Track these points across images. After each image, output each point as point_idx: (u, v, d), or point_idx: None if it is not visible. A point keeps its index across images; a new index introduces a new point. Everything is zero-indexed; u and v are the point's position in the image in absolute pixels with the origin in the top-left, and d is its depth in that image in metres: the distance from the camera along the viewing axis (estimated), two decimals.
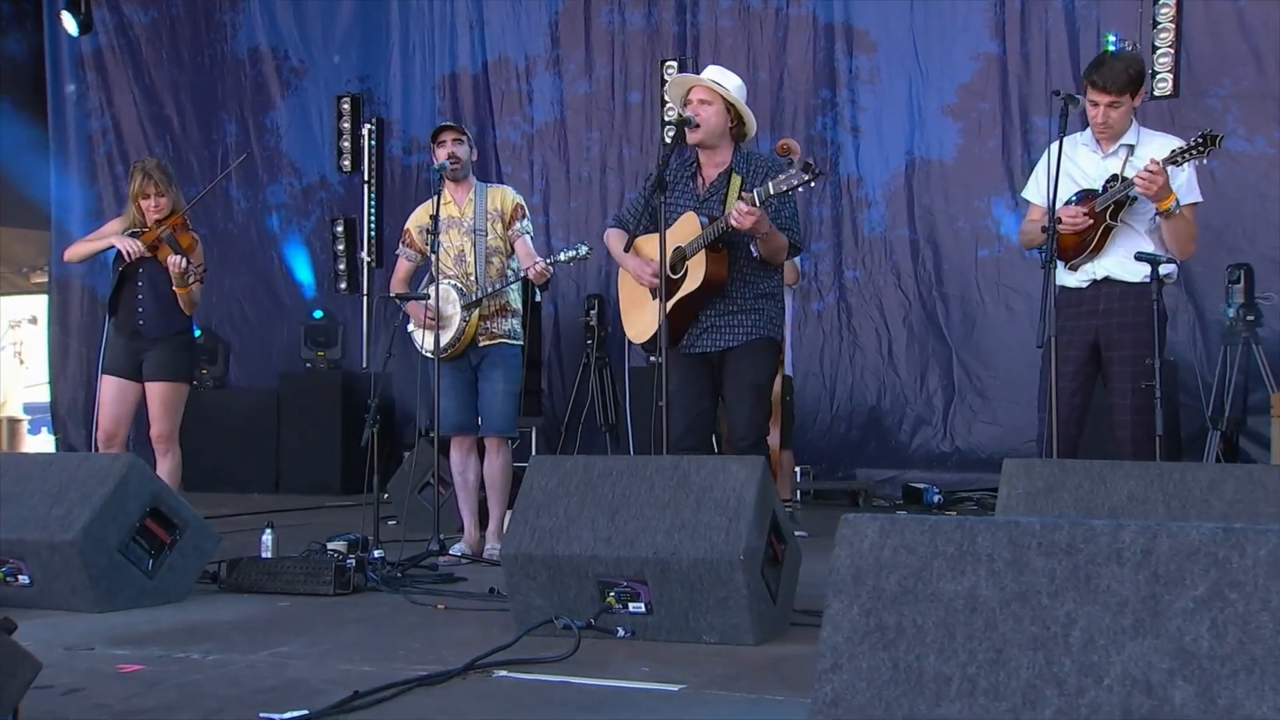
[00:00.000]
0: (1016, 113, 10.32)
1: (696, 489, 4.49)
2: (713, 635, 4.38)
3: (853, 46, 10.78)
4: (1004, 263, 10.27)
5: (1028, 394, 10.09)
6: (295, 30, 12.66)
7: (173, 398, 6.92)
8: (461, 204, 6.75)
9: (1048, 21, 10.29)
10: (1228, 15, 9.71)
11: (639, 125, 11.41)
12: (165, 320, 6.89)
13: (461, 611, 5.18)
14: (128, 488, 5.26)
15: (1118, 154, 5.31)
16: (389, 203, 12.15)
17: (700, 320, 5.64)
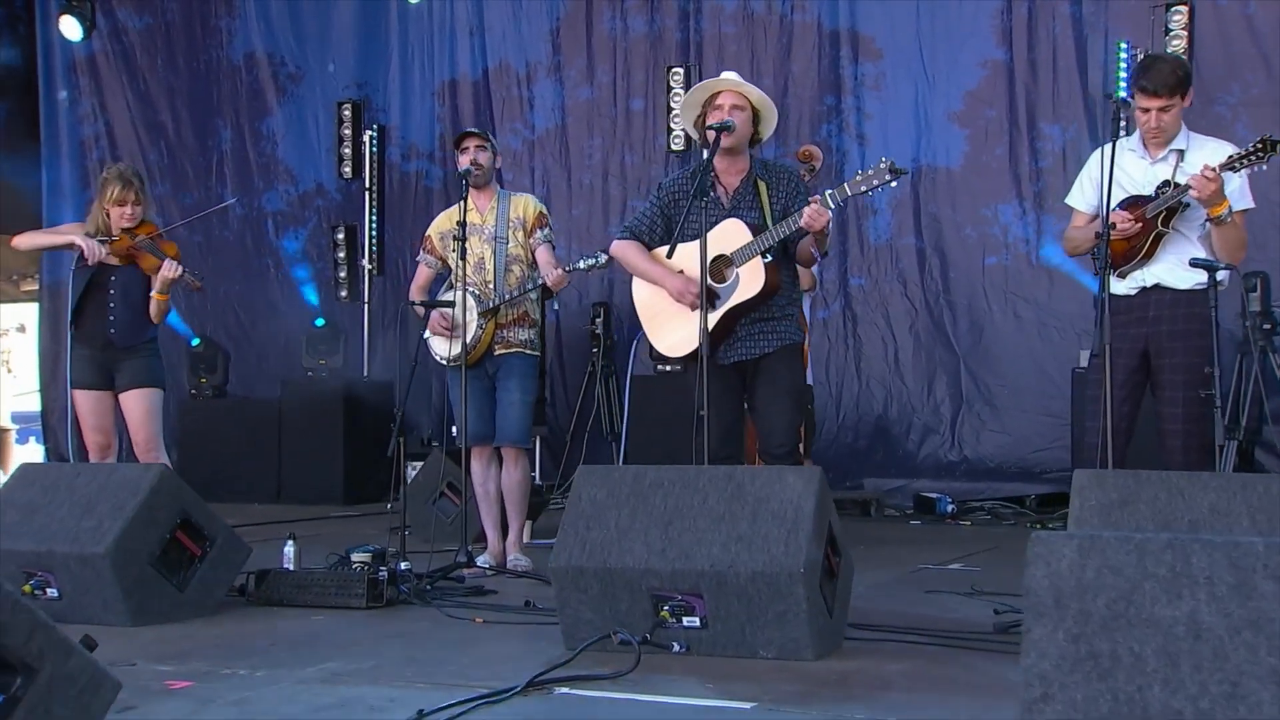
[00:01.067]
0: (1024, 120, 10.26)
1: (752, 500, 4.40)
2: (770, 650, 4.29)
3: (858, 53, 10.71)
4: (1011, 271, 10.22)
5: (1036, 403, 10.08)
6: (292, 36, 12.52)
7: (151, 404, 6.77)
8: (484, 211, 6.65)
9: (1055, 28, 10.23)
10: (1237, 21, 9.68)
11: (641, 132, 11.31)
12: (136, 330, 6.75)
13: (501, 625, 5.07)
14: (159, 498, 5.15)
15: (1167, 159, 5.24)
16: (388, 210, 12.01)
17: (737, 330, 5.56)
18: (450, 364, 6.56)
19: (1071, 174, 10.12)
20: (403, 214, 12.08)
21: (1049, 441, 9.93)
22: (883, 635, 4.67)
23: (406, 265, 12.03)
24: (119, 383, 6.74)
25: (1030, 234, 10.18)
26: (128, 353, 6.74)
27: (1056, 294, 10.11)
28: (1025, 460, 9.95)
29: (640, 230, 5.87)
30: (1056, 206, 10.14)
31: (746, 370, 5.63)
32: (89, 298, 6.73)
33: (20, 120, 13.18)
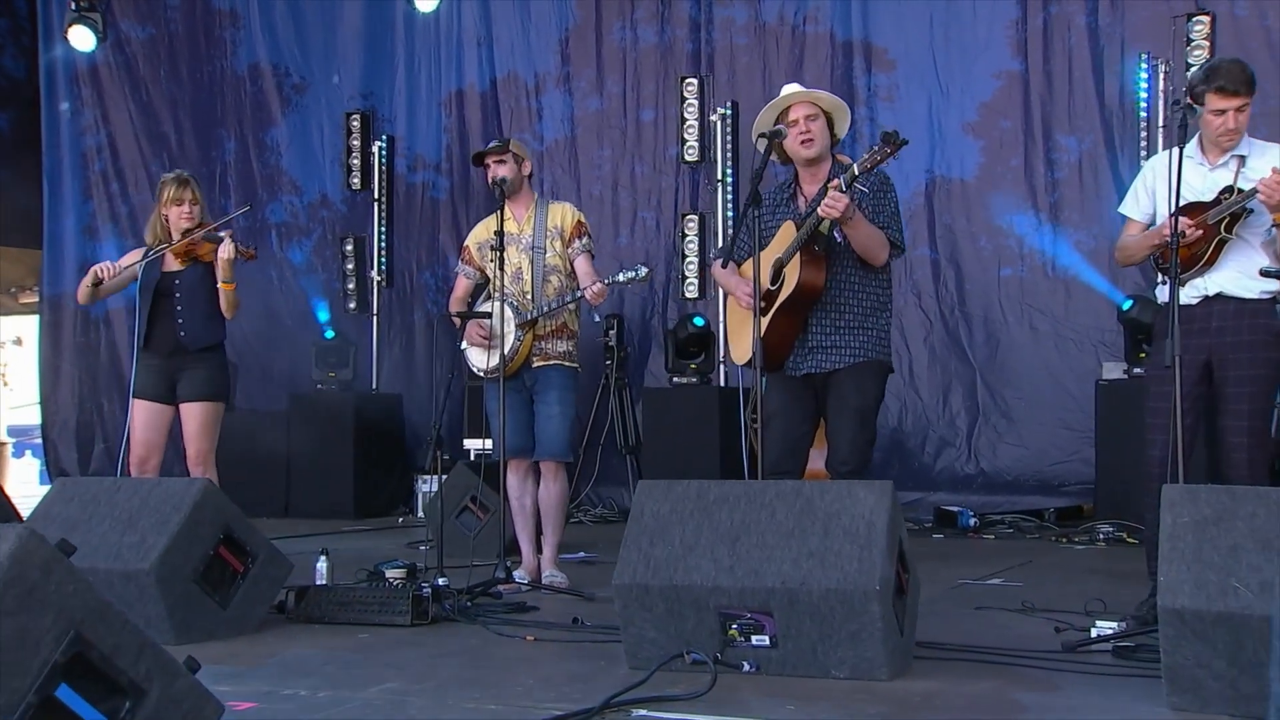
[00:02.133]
0: (1039, 131, 10.18)
1: (823, 515, 4.29)
2: (843, 670, 4.17)
3: (871, 64, 10.62)
4: (1027, 282, 10.13)
5: (1053, 416, 10.00)
6: (296, 47, 12.36)
7: (210, 417, 6.67)
8: (521, 220, 6.52)
9: (1070, 40, 10.16)
10: (1255, 33, 9.62)
11: (651, 143, 11.19)
12: (207, 330, 6.66)
13: (553, 644, 4.94)
14: (203, 514, 5.01)
15: (1228, 165, 5.13)
16: (395, 221, 11.86)
17: (808, 339, 5.44)
18: (488, 376, 6.41)
19: (1088, 185, 10.21)
20: (409, 225, 11.94)
21: (1067, 454, 9.85)
22: (951, 654, 4.56)
23: (414, 277, 11.91)
24: (180, 392, 6.64)
25: (1046, 245, 10.10)
26: (195, 359, 6.64)
27: (1073, 306, 10.03)
28: (1043, 473, 9.86)
29: (728, 248, 5.83)
30: (1073, 218, 10.11)
31: (817, 384, 5.51)
32: (158, 306, 6.65)
33: (22, 131, 13.02)
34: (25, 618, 2.38)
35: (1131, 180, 9.62)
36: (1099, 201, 10.03)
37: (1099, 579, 6.69)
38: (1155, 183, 5.33)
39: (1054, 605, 5.54)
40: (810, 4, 10.79)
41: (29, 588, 2.41)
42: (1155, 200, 5.32)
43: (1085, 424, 9.73)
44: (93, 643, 2.46)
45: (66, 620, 2.44)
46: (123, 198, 12.96)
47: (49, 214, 13.02)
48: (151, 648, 2.56)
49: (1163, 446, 5.13)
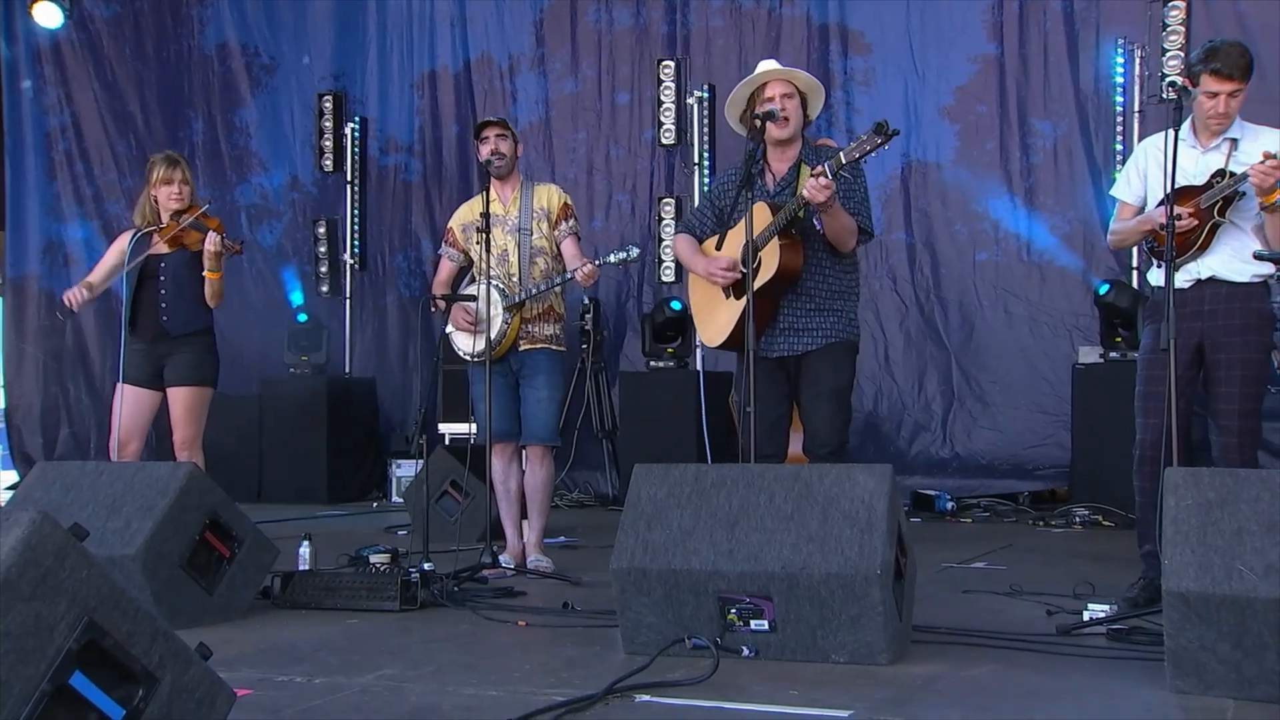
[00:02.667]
0: (1015, 115, 10.19)
1: (822, 499, 4.26)
2: (842, 655, 4.15)
3: (848, 48, 10.59)
4: (1002, 267, 10.15)
5: (1028, 400, 10.02)
6: (266, 26, 12.23)
7: (196, 402, 6.59)
8: (507, 201, 6.45)
9: (1046, 24, 10.17)
10: (1228, 18, 9.65)
11: (627, 126, 11.14)
12: (191, 316, 6.58)
13: (545, 629, 4.90)
14: (188, 498, 4.94)
15: (1220, 148, 5.12)
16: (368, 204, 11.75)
17: (778, 321, 5.43)
18: (475, 359, 6.34)
19: (1063, 170, 10.23)
20: (380, 208, 11.84)
21: (1041, 438, 9.88)
22: (946, 638, 4.54)
23: (386, 260, 11.82)
24: (167, 376, 6.57)
25: (1021, 230, 10.11)
26: (181, 344, 6.56)
27: (1048, 290, 10.05)
28: (1018, 457, 9.88)
29: (692, 225, 5.83)
30: (1047, 202, 10.13)
31: (789, 367, 5.48)
32: (141, 290, 6.57)
33: None
34: (39, 604, 2.32)
35: (1108, 165, 9.89)
36: (1074, 186, 10.07)
37: (1081, 562, 6.71)
38: (1148, 165, 5.31)
39: (1040, 588, 5.55)
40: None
41: (42, 573, 2.35)
42: (1147, 183, 5.31)
43: (1059, 408, 9.76)
44: (106, 630, 2.41)
45: (80, 607, 2.39)
46: (88, 178, 12.79)
47: (11, 195, 12.83)
48: (164, 635, 2.51)
49: (1154, 430, 5.14)
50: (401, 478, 10.48)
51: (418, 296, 11.74)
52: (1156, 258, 5.24)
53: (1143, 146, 5.41)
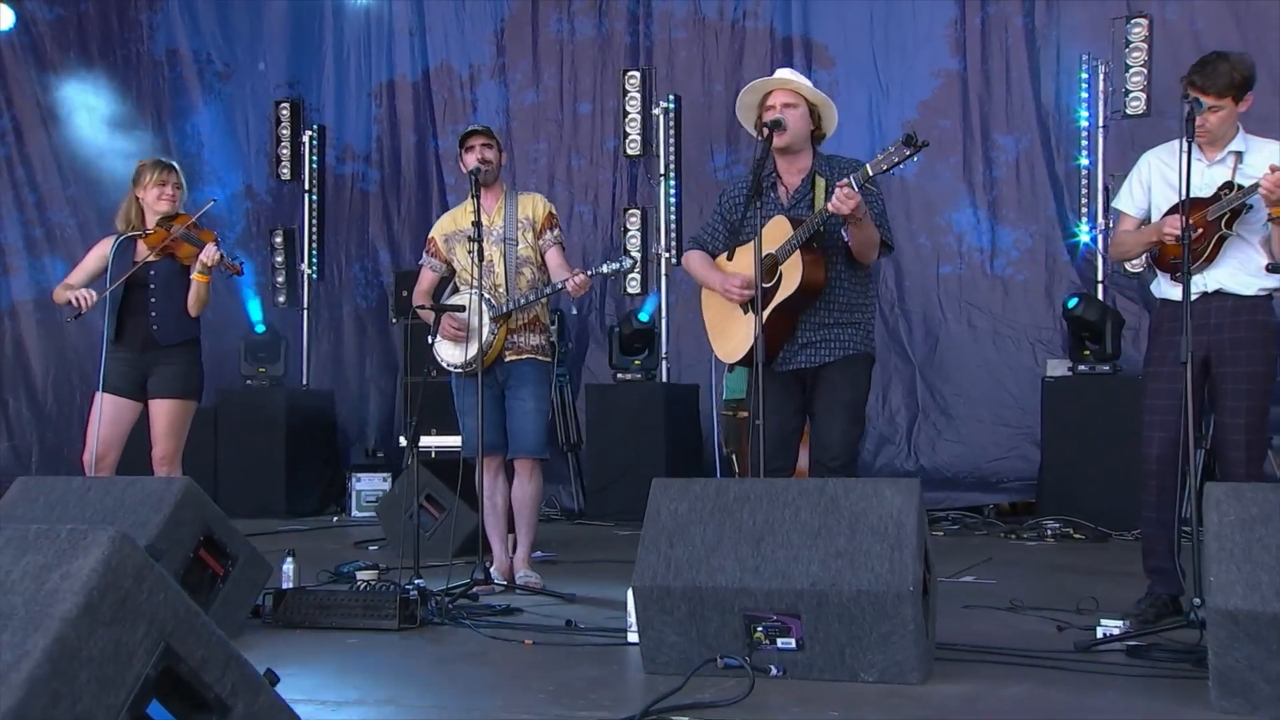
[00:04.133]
0: (978, 130, 10.22)
1: (849, 515, 4.16)
2: (872, 673, 4.05)
3: (812, 60, 10.56)
4: (965, 280, 10.16)
5: (992, 413, 10.01)
6: (219, 32, 11.97)
7: (179, 416, 6.39)
8: (491, 211, 6.31)
9: (1008, 40, 10.21)
10: (1185, 37, 9.72)
11: (589, 137, 11.04)
12: (180, 326, 6.38)
13: (553, 648, 4.76)
14: (183, 514, 4.76)
15: (1225, 161, 5.09)
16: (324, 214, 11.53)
17: (796, 335, 5.32)
18: (465, 371, 6.18)
19: (1025, 184, 10.24)
20: (337, 218, 11.62)
21: (1005, 451, 9.89)
22: (965, 655, 4.45)
23: (343, 270, 11.62)
24: (150, 388, 6.34)
25: (985, 243, 10.14)
26: (167, 355, 6.36)
27: (1011, 303, 10.08)
28: (982, 470, 9.87)
29: (704, 239, 5.69)
30: (1010, 216, 10.14)
31: (806, 379, 5.38)
32: (130, 296, 6.34)
33: None
34: (119, 629, 2.17)
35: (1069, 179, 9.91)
36: (1036, 200, 10.09)
37: (1068, 575, 6.68)
38: (1151, 177, 5.28)
39: (1038, 603, 5.49)
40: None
41: (122, 597, 2.20)
42: (1150, 195, 5.27)
43: (1023, 421, 9.77)
44: (182, 655, 2.26)
45: (158, 631, 2.23)
46: (29, 185, 12.44)
47: None
48: (237, 661, 2.36)
49: (1160, 444, 5.10)
50: (362, 491, 10.28)
51: (374, 308, 11.57)
52: (1162, 269, 5.20)
53: (1146, 158, 5.37)
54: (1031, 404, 9.68)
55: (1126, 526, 8.42)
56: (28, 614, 2.11)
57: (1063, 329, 9.83)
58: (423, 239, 11.39)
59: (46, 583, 2.15)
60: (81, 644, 2.11)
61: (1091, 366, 8.86)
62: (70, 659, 2.08)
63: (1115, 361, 8.87)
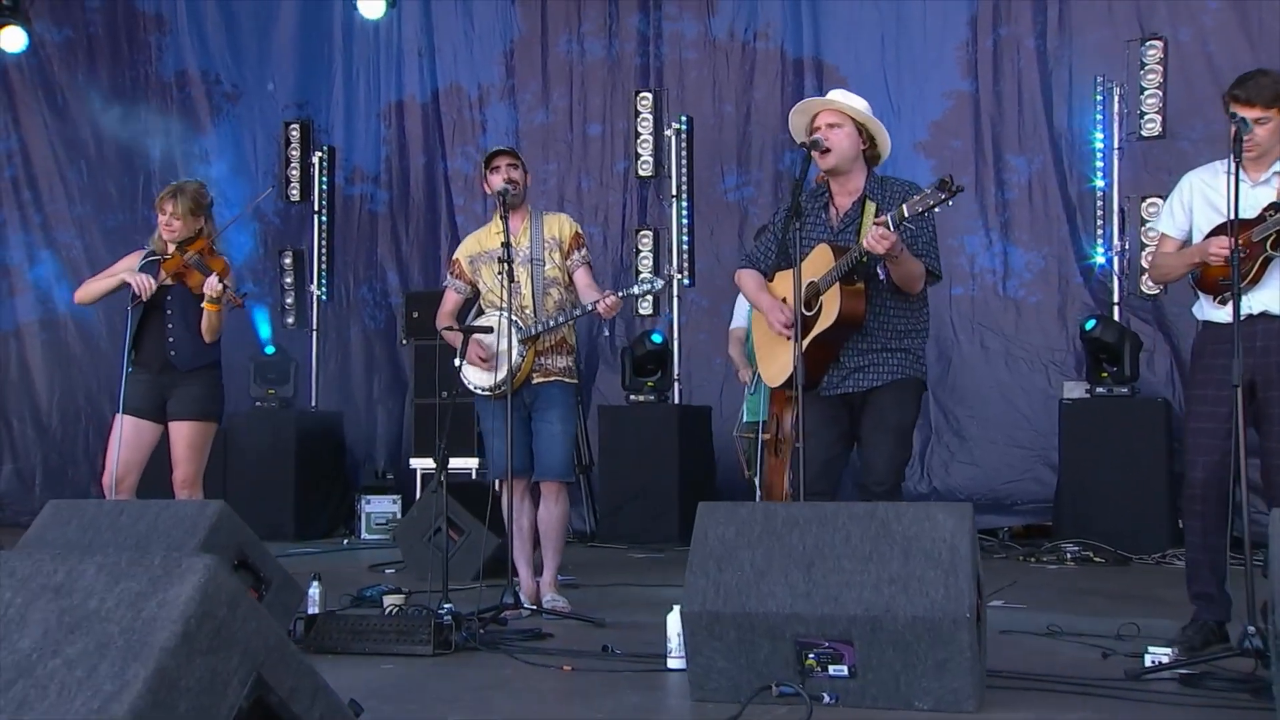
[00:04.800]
0: (990, 151, 10.19)
1: (901, 540, 4.10)
2: (926, 702, 3.98)
3: (823, 81, 10.48)
4: (978, 301, 10.11)
5: (1005, 435, 9.96)
6: (228, 53, 11.91)
7: (200, 438, 6.32)
8: (517, 232, 6.23)
9: (1020, 61, 10.19)
10: (1198, 59, 9.73)
11: (599, 158, 10.99)
12: (197, 352, 6.31)
13: (593, 674, 4.68)
14: (218, 537, 4.68)
15: (1269, 183, 5.03)
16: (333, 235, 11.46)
17: (842, 362, 5.23)
18: (495, 394, 6.10)
19: (1037, 205, 10.21)
20: (346, 239, 11.56)
21: (1019, 473, 9.84)
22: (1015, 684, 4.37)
23: (351, 292, 11.55)
24: (171, 410, 6.28)
25: (997, 265, 10.10)
26: (187, 378, 6.29)
27: (1024, 325, 10.04)
28: (996, 492, 9.81)
29: (757, 259, 5.61)
30: (1023, 238, 10.11)
31: (854, 403, 5.30)
32: (148, 319, 6.30)
33: None
34: (214, 658, 2.10)
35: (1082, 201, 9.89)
36: (1048, 222, 10.07)
37: (1098, 600, 6.63)
38: (1193, 198, 5.21)
39: (1074, 628, 5.43)
40: (761, 20, 10.69)
41: (217, 625, 2.13)
42: (1192, 217, 5.22)
43: (1037, 443, 9.73)
44: (272, 686, 2.19)
45: (250, 661, 2.16)
46: (35, 206, 12.39)
47: None
48: (325, 691, 2.30)
49: (1204, 468, 5.03)
50: (371, 514, 10.20)
51: (383, 329, 11.50)
52: (1204, 291, 5.15)
53: (1187, 179, 5.30)
54: (1045, 426, 9.64)
55: (1146, 550, 8.40)
56: (126, 643, 2.04)
57: (1076, 350, 9.80)
58: (432, 260, 11.48)
59: (143, 610, 2.09)
60: (180, 674, 2.04)
61: (1109, 389, 8.81)
62: (170, 689, 2.02)
63: (1133, 384, 8.83)
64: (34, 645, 2.08)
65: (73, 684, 2.01)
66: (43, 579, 2.17)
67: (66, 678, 2.02)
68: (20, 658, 2.06)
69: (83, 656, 2.04)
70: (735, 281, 5.78)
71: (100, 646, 2.05)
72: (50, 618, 2.10)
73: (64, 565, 2.20)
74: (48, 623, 2.10)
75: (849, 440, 5.37)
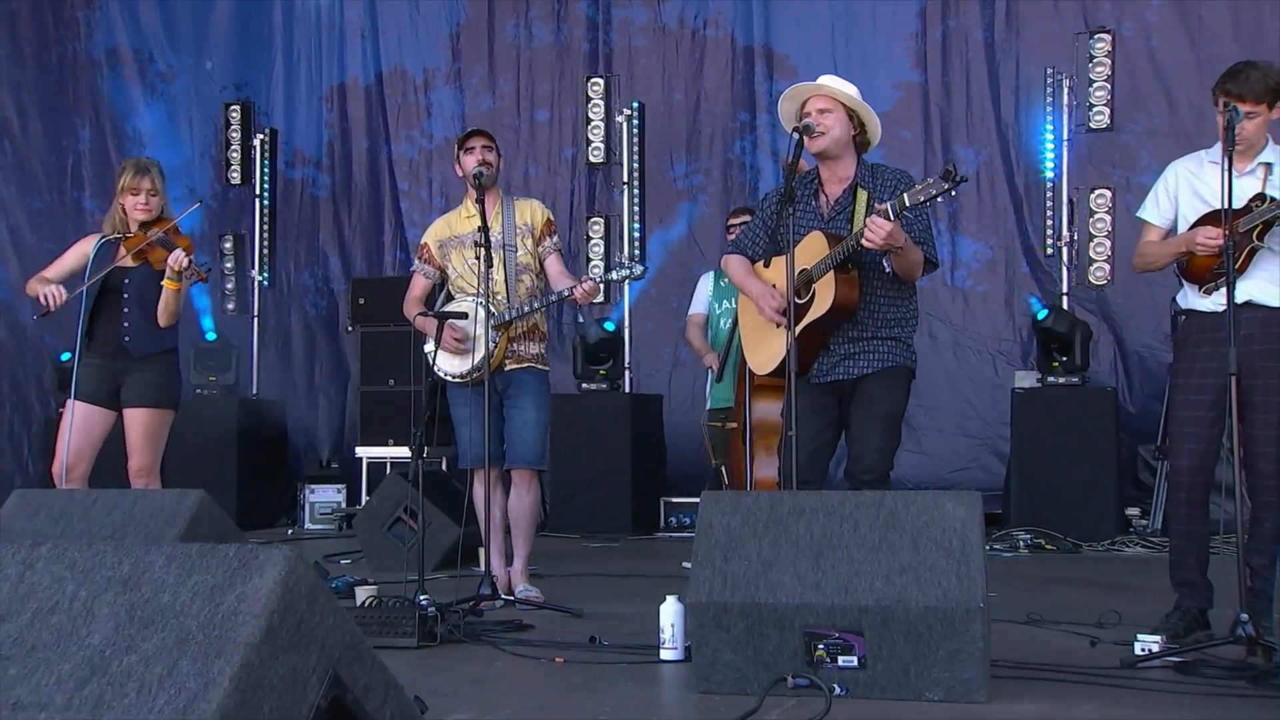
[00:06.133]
0: (939, 142, 10.26)
1: (910, 529, 4.04)
2: (936, 692, 3.92)
3: (773, 70, 10.51)
4: (926, 291, 9.99)
5: (953, 423, 10.01)
6: (161, 31, 11.61)
7: (156, 426, 6.09)
8: (489, 216, 6.10)
9: (968, 54, 10.25)
10: (1141, 54, 9.85)
11: (547, 144, 10.88)
12: (153, 337, 6.05)
13: (586, 665, 4.59)
14: (199, 527, 4.54)
15: (1255, 173, 5.03)
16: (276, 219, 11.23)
17: (832, 350, 5.17)
18: (470, 380, 5.98)
19: (985, 197, 10.26)
20: (287, 223, 11.33)
21: (967, 462, 9.92)
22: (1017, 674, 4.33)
23: (292, 278, 11.33)
24: (125, 397, 6.00)
25: (945, 255, 10.09)
26: (141, 364, 6.02)
27: (971, 315, 10.11)
28: (944, 480, 9.83)
29: (744, 244, 5.48)
30: (970, 229, 10.16)
31: (843, 391, 5.25)
32: (102, 301, 6.00)
33: None
34: (295, 655, 1.98)
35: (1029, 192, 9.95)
36: (996, 213, 10.13)
37: (1065, 588, 6.65)
38: (1178, 187, 5.20)
39: (1052, 616, 5.42)
40: (711, 7, 10.65)
41: (297, 621, 2.00)
42: (1177, 206, 5.22)
43: (984, 431, 9.79)
44: (347, 684, 2.07)
45: (328, 658, 2.04)
46: None
47: None
48: (396, 690, 2.18)
49: (1190, 455, 5.03)
50: (316, 503, 10.01)
51: (324, 315, 11.30)
52: (1189, 280, 5.15)
53: (1173, 169, 5.29)
54: (992, 415, 9.72)
55: (1095, 538, 8.47)
56: (206, 639, 1.92)
57: (1023, 340, 9.89)
58: (375, 246, 11.31)
59: (222, 604, 1.96)
60: (264, 671, 1.92)
61: (1061, 378, 8.86)
62: (255, 688, 1.90)
63: (1083, 373, 8.89)
64: (105, 640, 1.95)
65: (152, 681, 1.89)
66: (107, 571, 2.04)
67: (145, 675, 1.90)
68: (92, 653, 1.94)
69: (160, 652, 1.92)
70: (722, 266, 5.69)
71: (179, 642, 1.93)
72: (120, 612, 1.98)
73: (129, 557, 2.07)
74: (118, 617, 1.97)
75: (837, 429, 5.32)
